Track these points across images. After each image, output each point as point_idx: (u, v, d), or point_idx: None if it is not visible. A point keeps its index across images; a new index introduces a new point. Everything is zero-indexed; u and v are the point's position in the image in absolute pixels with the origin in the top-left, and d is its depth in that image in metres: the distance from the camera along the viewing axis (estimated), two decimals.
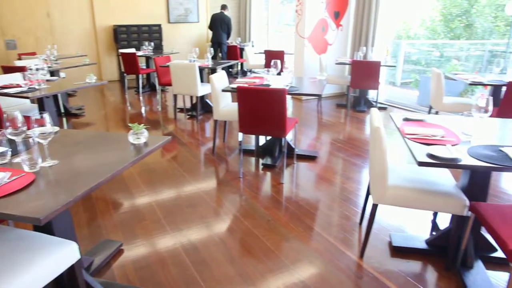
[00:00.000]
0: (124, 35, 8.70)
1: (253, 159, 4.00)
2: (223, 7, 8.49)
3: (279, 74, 4.14)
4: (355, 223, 2.77)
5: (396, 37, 8.95)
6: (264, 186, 3.41)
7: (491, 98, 2.06)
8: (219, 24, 8.37)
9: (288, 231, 2.68)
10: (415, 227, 2.76)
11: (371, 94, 6.63)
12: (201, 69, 5.50)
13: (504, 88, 3.88)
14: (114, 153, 1.94)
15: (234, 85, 3.39)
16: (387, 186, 2.13)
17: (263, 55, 7.53)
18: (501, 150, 1.90)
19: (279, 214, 2.90)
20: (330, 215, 2.90)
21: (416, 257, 2.40)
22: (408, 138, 2.07)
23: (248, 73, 8.40)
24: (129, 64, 7.04)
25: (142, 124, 2.08)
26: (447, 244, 2.33)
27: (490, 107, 2.06)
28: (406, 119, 2.46)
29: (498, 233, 1.74)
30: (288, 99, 6.98)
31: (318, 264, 2.32)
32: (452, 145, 1.95)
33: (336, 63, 6.10)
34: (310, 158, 4.00)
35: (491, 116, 3.56)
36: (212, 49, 5.92)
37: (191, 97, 6.06)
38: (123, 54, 7.06)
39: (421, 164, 1.77)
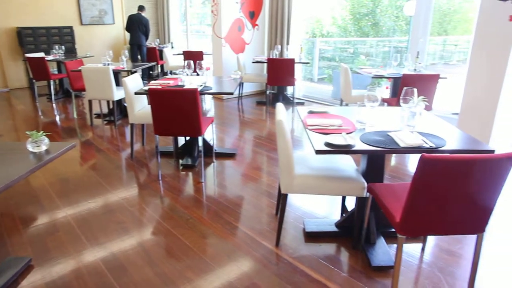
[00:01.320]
0: (30, 38, 8.09)
1: (173, 161, 3.97)
2: (140, 8, 8.24)
3: (198, 74, 4.15)
4: (271, 214, 2.89)
5: (311, 36, 9.40)
6: (183, 186, 3.41)
7: (378, 90, 2.27)
8: (136, 26, 8.13)
9: (207, 228, 2.72)
10: (327, 212, 2.95)
11: (290, 91, 6.90)
12: (116, 72, 5.32)
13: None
14: (11, 163, 1.84)
15: (146, 87, 3.34)
16: (294, 176, 2.26)
17: (183, 56, 7.46)
18: (388, 135, 2.11)
19: (198, 213, 2.93)
20: (248, 209, 2.99)
21: (328, 240, 2.58)
22: (309, 129, 2.22)
23: (169, 75, 8.27)
24: (37, 69, 6.56)
25: (42, 132, 1.99)
26: (353, 224, 2.53)
27: (379, 97, 2.28)
28: (310, 112, 2.62)
29: (388, 208, 1.94)
30: (209, 99, 7.02)
31: (236, 257, 2.39)
32: (348, 133, 2.13)
33: (253, 62, 6.27)
34: (229, 155, 4.08)
35: (392, 105, 3.91)
36: (126, 51, 5.74)
37: (108, 102, 5.83)
38: (29, 58, 6.57)
39: (318, 152, 1.91)
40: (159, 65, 9.05)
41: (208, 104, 6.68)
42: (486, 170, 1.63)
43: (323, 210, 2.98)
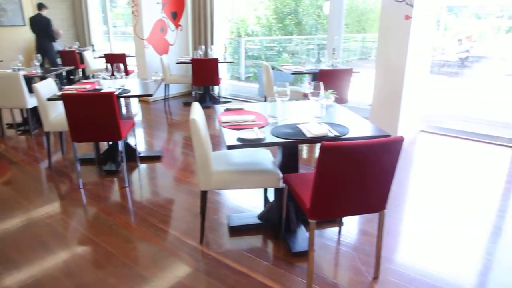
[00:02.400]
0: None
1: (95, 168, 3.83)
2: (40, 7, 7.41)
3: (122, 77, 4.03)
4: (197, 213, 2.92)
5: (236, 35, 9.53)
6: (107, 193, 3.31)
7: (287, 86, 2.40)
8: (37, 28, 7.49)
9: (131, 232, 2.67)
10: (252, 205, 3.04)
11: (217, 90, 6.95)
12: (29, 78, 4.99)
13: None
14: None
15: (60, 93, 3.19)
16: (211, 172, 2.31)
17: (104, 59, 7.18)
18: (297, 127, 2.24)
19: (122, 218, 2.87)
20: (173, 210, 2.99)
21: (251, 232, 2.66)
22: (223, 126, 2.28)
23: (91, 79, 7.88)
24: None
25: None
26: (274, 215, 2.64)
27: (288, 92, 2.41)
28: (227, 109, 2.69)
29: (300, 196, 2.06)
30: (136, 102, 6.85)
31: (161, 258, 2.38)
32: (260, 128, 2.23)
33: (177, 63, 6.22)
34: (154, 158, 4.03)
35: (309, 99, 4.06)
36: (39, 55, 5.40)
37: (22, 110, 5.45)
38: None
39: (229, 147, 1.98)
40: (80, 69, 8.61)
41: (134, 108, 6.50)
42: (379, 153, 1.81)
43: (248, 204, 3.07)
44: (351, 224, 2.78)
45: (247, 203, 3.09)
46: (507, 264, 2.34)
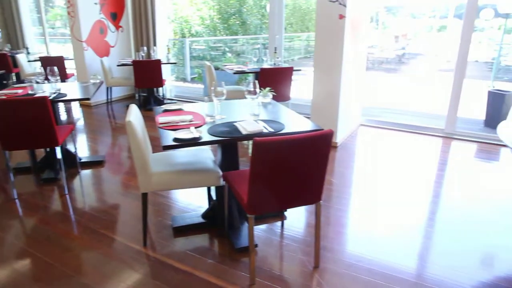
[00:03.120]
0: None
1: (32, 176, 3.66)
2: None
3: (63, 80, 3.87)
4: (139, 216, 2.88)
5: (180, 36, 9.44)
6: (45, 201, 3.18)
7: (224, 85, 2.45)
8: None
9: (71, 241, 2.59)
10: (196, 205, 3.05)
11: (162, 92, 6.85)
12: None
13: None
14: None
15: None
16: (150, 174, 2.30)
17: (40, 63, 6.82)
18: (234, 125, 2.29)
19: (61, 227, 2.77)
20: (115, 215, 2.93)
21: (195, 232, 2.68)
22: (160, 127, 2.28)
23: (25, 83, 7.44)
24: None
25: None
26: (217, 213, 2.67)
27: (225, 92, 2.45)
28: (165, 110, 2.68)
29: (239, 192, 2.11)
30: (77, 107, 6.58)
31: (103, 265, 2.33)
32: (197, 127, 2.25)
33: (118, 65, 6.06)
34: (96, 163, 3.92)
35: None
36: None
37: None
38: None
39: (165, 148, 1.98)
40: (14, 74, 8.11)
41: (76, 113, 6.25)
42: (310, 147, 1.89)
43: (193, 204, 3.08)
44: (294, 217, 2.88)
45: (192, 203, 3.10)
46: (444, 247, 2.52)
